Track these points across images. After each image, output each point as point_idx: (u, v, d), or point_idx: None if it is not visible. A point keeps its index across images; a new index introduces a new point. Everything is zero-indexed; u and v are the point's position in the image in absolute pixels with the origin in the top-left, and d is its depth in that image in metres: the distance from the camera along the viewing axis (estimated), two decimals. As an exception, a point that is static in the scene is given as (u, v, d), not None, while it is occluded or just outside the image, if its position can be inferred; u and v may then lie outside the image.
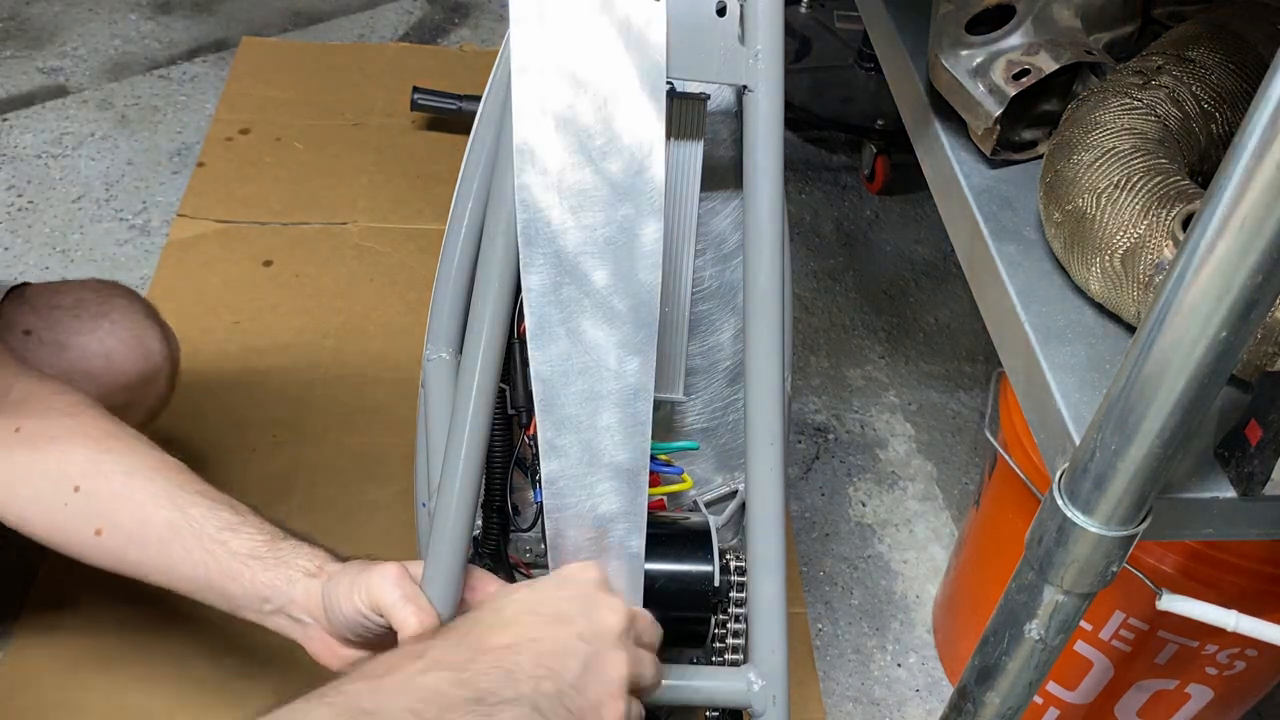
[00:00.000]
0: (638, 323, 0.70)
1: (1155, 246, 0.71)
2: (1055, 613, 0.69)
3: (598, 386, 0.70)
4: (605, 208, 0.68)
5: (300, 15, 2.29)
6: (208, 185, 1.89)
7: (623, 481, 0.71)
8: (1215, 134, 0.80)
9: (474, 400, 0.73)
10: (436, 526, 0.74)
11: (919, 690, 1.39)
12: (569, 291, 0.69)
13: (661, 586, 0.74)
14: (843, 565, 1.51)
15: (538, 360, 0.69)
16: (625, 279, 0.69)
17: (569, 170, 0.67)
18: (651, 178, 0.69)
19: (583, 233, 0.68)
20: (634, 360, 0.70)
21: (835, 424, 1.68)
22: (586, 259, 0.69)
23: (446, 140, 2.02)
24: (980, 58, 0.86)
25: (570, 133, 0.67)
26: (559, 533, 0.71)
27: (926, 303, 1.87)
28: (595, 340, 0.70)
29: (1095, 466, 0.62)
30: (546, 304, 0.69)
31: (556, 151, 0.67)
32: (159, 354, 1.19)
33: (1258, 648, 1.09)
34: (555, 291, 0.69)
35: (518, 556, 0.85)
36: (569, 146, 0.67)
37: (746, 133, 0.71)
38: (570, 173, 0.67)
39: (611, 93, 0.67)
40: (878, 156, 1.99)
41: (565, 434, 0.70)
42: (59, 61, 2.11)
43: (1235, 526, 0.70)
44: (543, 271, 0.69)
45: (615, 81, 0.67)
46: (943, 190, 0.91)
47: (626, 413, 0.70)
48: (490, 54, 2.10)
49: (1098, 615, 1.11)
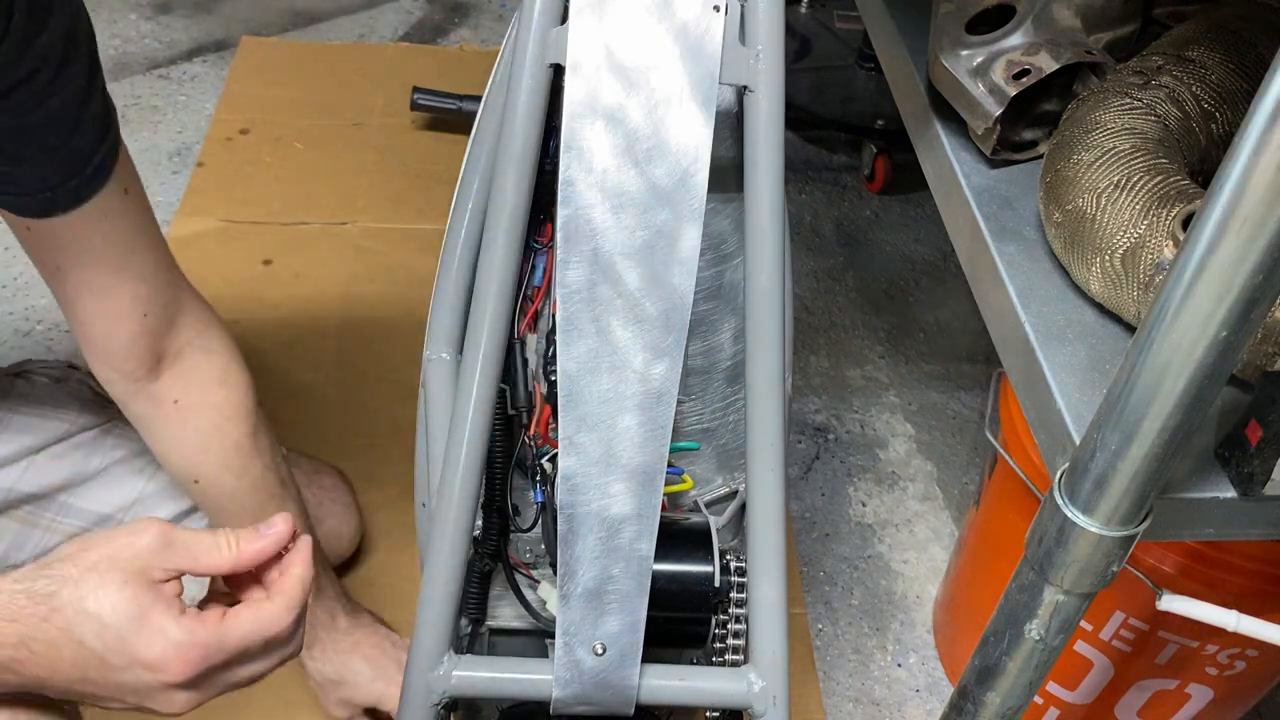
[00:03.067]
0: (667, 327, 0.70)
1: (1155, 246, 0.71)
2: (1055, 613, 0.69)
3: (622, 387, 0.70)
4: (647, 210, 0.68)
5: (300, 15, 2.29)
6: (208, 185, 1.88)
7: (638, 484, 0.71)
8: (1215, 134, 0.80)
9: (474, 400, 0.73)
10: (436, 526, 0.74)
11: (919, 690, 1.39)
12: (603, 290, 0.69)
13: (662, 587, 0.74)
14: (843, 565, 1.51)
15: (564, 356, 0.69)
16: (659, 283, 0.69)
17: (614, 170, 0.67)
18: (695, 185, 0.69)
19: (622, 233, 0.68)
20: (660, 364, 0.70)
21: (835, 424, 1.68)
22: (623, 260, 0.69)
23: (446, 140, 2.02)
24: (980, 58, 0.86)
25: (619, 133, 0.67)
26: (570, 530, 0.71)
27: (926, 303, 1.87)
28: (623, 341, 0.70)
29: (1095, 466, 0.62)
30: (579, 301, 0.69)
31: (604, 151, 0.67)
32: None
33: (1258, 648, 1.09)
34: (590, 289, 0.69)
35: (518, 556, 0.85)
36: (616, 147, 0.67)
37: (747, 133, 0.71)
38: (615, 173, 0.67)
39: (664, 97, 0.67)
40: (878, 156, 1.99)
41: (585, 431, 0.70)
42: (59, 61, 2.11)
43: (1235, 526, 0.70)
44: (579, 268, 0.69)
45: (668, 86, 0.67)
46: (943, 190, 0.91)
47: (648, 415, 0.70)
48: (490, 54, 2.10)
49: (1098, 615, 1.11)
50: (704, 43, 0.68)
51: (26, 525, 1.07)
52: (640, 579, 0.72)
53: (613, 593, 0.72)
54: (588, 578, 0.72)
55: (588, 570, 0.72)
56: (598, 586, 0.72)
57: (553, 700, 0.73)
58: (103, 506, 1.11)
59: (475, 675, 0.74)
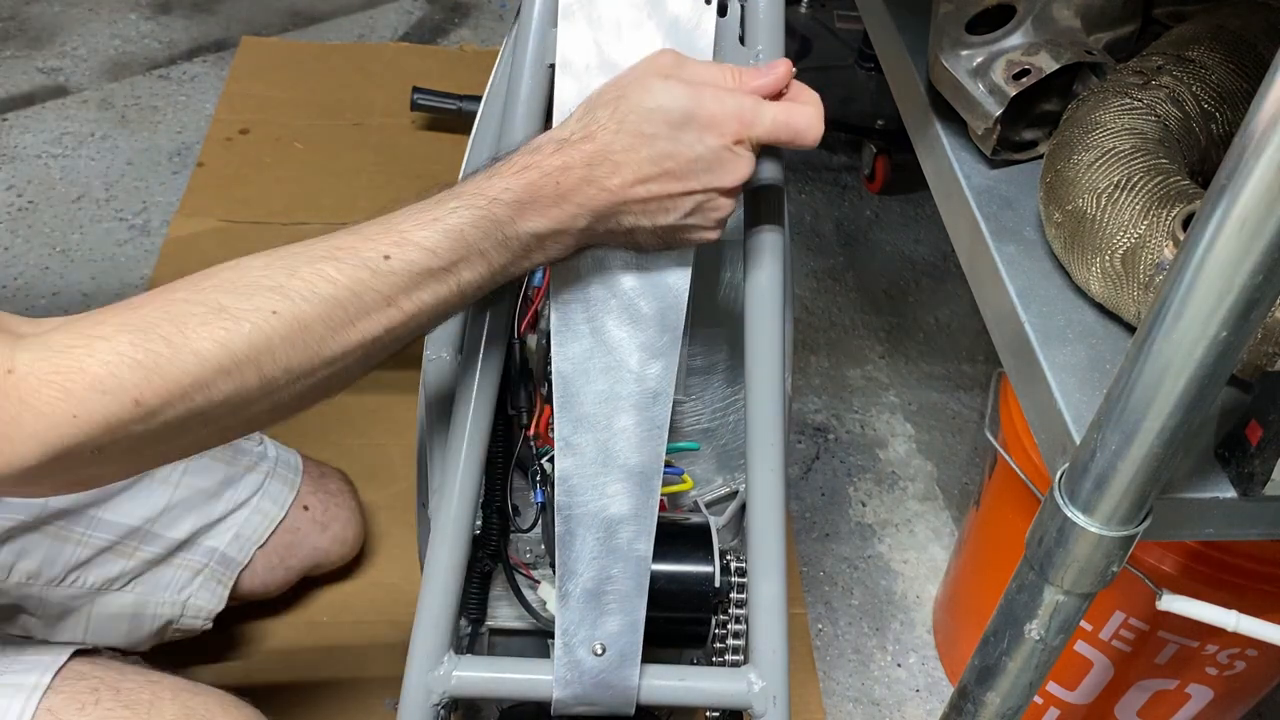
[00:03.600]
0: (663, 326, 0.70)
1: (1155, 246, 0.71)
2: (1055, 613, 0.69)
3: (618, 388, 0.70)
4: None
5: (300, 15, 2.29)
6: (207, 185, 1.88)
7: (635, 484, 0.71)
8: (1215, 134, 0.80)
9: (474, 400, 0.73)
10: (436, 526, 0.74)
11: (919, 690, 1.39)
12: (597, 290, 0.69)
13: (662, 587, 0.74)
14: (843, 565, 1.51)
15: (559, 357, 0.69)
16: (654, 283, 0.69)
17: None
18: None
19: None
20: (656, 364, 0.70)
21: (835, 424, 1.68)
22: (617, 259, 0.69)
23: (446, 140, 2.02)
24: (980, 58, 0.86)
25: None
26: (568, 530, 0.71)
27: (926, 303, 1.87)
28: (619, 341, 0.70)
29: (1095, 466, 0.62)
30: (573, 301, 0.69)
31: None
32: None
33: (1258, 648, 1.09)
34: (583, 290, 0.69)
35: (518, 556, 0.85)
36: None
37: (747, 133, 0.71)
38: None
39: None
40: (878, 156, 1.99)
41: (582, 432, 0.70)
42: (59, 61, 2.11)
43: (1235, 526, 0.70)
44: (573, 268, 0.69)
45: None
46: (943, 190, 0.91)
47: (644, 415, 0.70)
48: (490, 54, 2.10)
49: (1098, 615, 1.11)
50: (695, 37, 0.68)
51: (58, 540, 1.08)
52: (639, 579, 0.72)
53: (612, 593, 0.72)
54: (587, 578, 0.72)
55: (587, 570, 0.72)
56: (597, 587, 0.72)
57: (553, 700, 0.73)
58: (131, 519, 1.13)
59: (475, 675, 0.74)
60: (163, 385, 0.56)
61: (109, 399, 0.55)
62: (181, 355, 0.57)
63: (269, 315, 0.59)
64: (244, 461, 1.21)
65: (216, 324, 0.57)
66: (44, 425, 0.55)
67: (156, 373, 0.56)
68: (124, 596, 1.13)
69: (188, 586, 1.17)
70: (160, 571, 1.15)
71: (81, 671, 0.85)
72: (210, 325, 0.57)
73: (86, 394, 0.55)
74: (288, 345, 0.59)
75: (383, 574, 1.40)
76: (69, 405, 0.55)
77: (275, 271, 0.60)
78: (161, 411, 0.57)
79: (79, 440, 0.55)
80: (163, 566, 1.15)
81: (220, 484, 1.18)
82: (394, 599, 1.36)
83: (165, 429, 0.58)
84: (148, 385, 0.56)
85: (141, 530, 1.13)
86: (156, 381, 0.56)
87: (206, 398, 0.58)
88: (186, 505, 1.16)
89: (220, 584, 1.19)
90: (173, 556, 1.16)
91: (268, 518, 1.22)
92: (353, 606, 1.38)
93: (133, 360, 0.56)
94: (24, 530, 1.06)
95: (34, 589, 1.07)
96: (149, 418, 0.57)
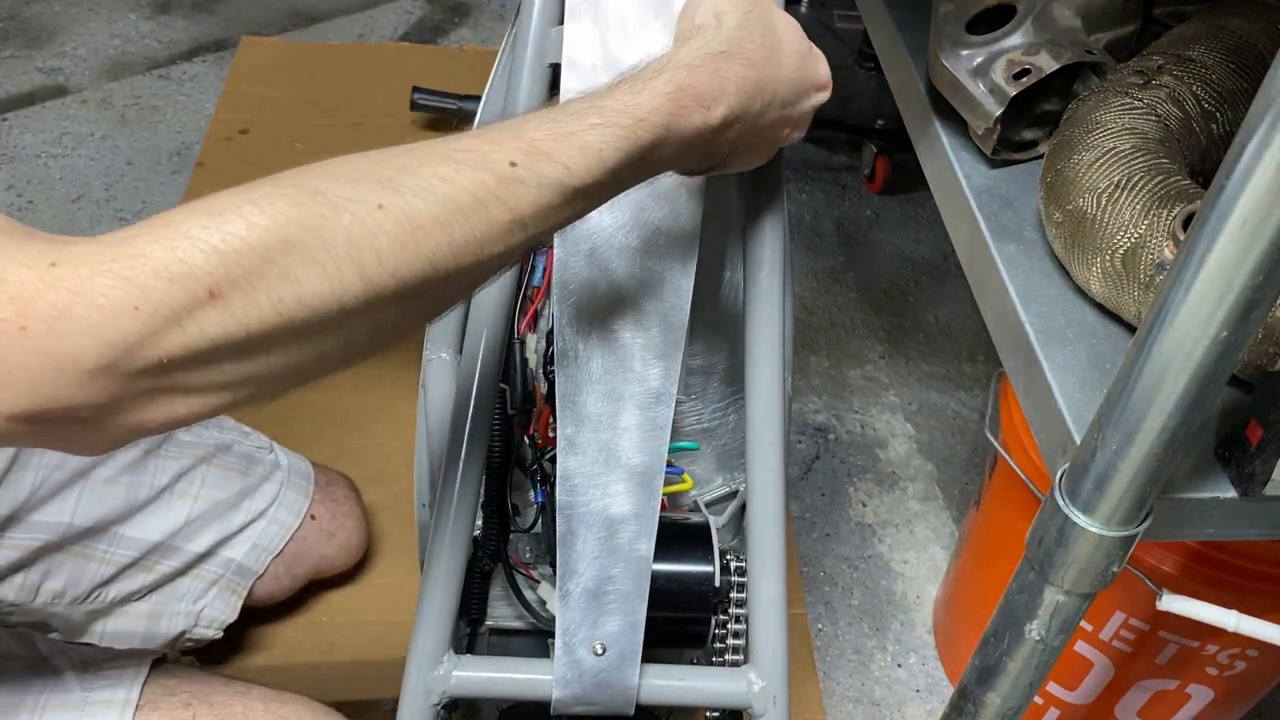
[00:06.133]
0: (665, 326, 0.70)
1: (1156, 246, 0.71)
2: (1055, 613, 0.69)
3: (620, 387, 0.70)
4: (644, 210, 0.68)
5: (300, 15, 2.29)
6: (207, 185, 1.88)
7: (636, 484, 0.71)
8: (1215, 134, 0.80)
9: (474, 400, 0.73)
10: (436, 526, 0.74)
11: (919, 690, 1.39)
12: (599, 290, 0.69)
13: (662, 587, 0.74)
14: (843, 565, 1.51)
15: (561, 356, 0.69)
16: (657, 283, 0.69)
17: None
18: (693, 182, 0.69)
19: (620, 233, 0.68)
20: (659, 364, 0.70)
21: (835, 424, 1.68)
22: (620, 259, 0.69)
23: (446, 140, 2.02)
24: (980, 57, 0.86)
25: None
26: (569, 530, 0.71)
27: (926, 303, 1.87)
28: (621, 340, 0.70)
29: (1096, 466, 0.62)
30: (574, 300, 0.69)
31: None
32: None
33: (1258, 648, 1.09)
34: (588, 289, 0.69)
35: (517, 556, 0.85)
36: None
37: (747, 133, 0.71)
38: None
39: None
40: (878, 156, 1.99)
41: (584, 431, 0.70)
42: (59, 61, 2.11)
43: (1235, 526, 0.70)
44: (575, 267, 0.69)
45: None
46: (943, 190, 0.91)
47: (647, 416, 0.70)
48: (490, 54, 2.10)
49: (1098, 615, 1.11)
50: None
51: (83, 559, 1.09)
52: (639, 579, 0.72)
53: (612, 593, 0.72)
54: (587, 578, 0.72)
55: (587, 570, 0.72)
56: (597, 587, 0.72)
57: (553, 700, 0.73)
58: (153, 534, 1.13)
59: (475, 675, 0.74)
60: (241, 274, 0.46)
61: (176, 287, 0.45)
62: (266, 241, 0.47)
63: (373, 209, 0.50)
64: (259, 471, 1.21)
65: (310, 207, 0.49)
66: (100, 317, 0.44)
67: (235, 260, 0.46)
68: (140, 607, 1.14)
69: (203, 597, 1.17)
70: (177, 583, 1.16)
71: (169, 685, 0.82)
72: (303, 209, 0.49)
73: (150, 280, 0.45)
74: (396, 246, 0.50)
75: (383, 574, 1.40)
76: (127, 294, 0.44)
77: (384, 166, 0.53)
78: (242, 309, 0.47)
79: (141, 336, 0.45)
80: (180, 578, 1.16)
81: (238, 495, 1.19)
82: (394, 599, 1.36)
83: (249, 339, 0.47)
84: (224, 274, 0.46)
85: (164, 545, 1.13)
86: (234, 270, 0.46)
87: (296, 296, 0.48)
88: (206, 518, 1.16)
89: (235, 594, 1.19)
90: (191, 568, 1.16)
91: (284, 528, 1.22)
92: (352, 607, 1.38)
93: (206, 246, 0.46)
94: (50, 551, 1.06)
95: (59, 608, 1.08)
96: (226, 315, 0.46)
